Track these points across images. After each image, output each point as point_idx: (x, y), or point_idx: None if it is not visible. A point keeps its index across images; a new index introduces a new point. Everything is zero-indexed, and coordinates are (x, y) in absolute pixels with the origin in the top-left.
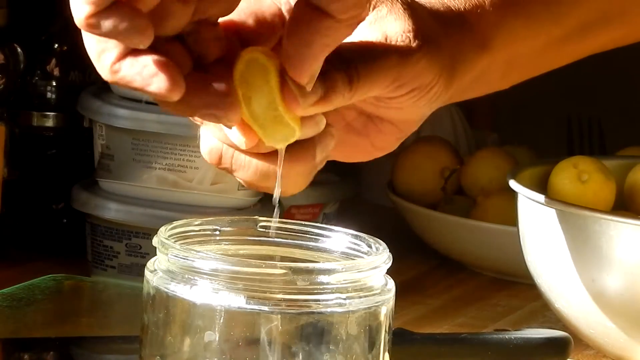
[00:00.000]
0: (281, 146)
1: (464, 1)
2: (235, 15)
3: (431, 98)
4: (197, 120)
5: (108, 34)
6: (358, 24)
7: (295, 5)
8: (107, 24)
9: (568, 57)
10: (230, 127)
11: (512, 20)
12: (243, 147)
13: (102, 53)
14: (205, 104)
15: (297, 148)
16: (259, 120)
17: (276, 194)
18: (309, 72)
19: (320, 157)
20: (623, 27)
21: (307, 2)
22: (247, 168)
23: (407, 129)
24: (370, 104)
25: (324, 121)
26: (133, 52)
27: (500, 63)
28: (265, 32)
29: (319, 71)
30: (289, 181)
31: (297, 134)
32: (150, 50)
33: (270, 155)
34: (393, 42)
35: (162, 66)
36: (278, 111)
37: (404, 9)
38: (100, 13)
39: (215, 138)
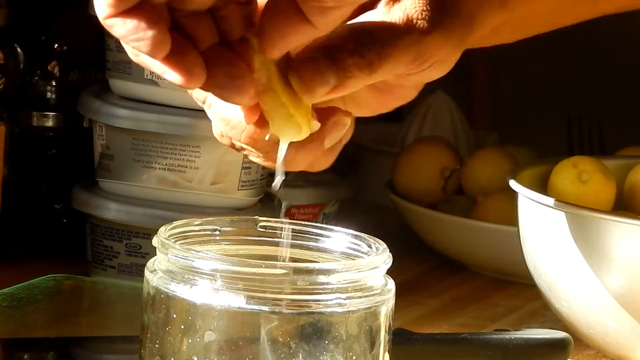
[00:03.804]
0: (285, 142)
1: None
2: None
3: (450, 64)
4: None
5: (122, 39)
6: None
7: None
8: (121, 29)
9: (579, 18)
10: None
11: None
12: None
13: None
14: (216, 84)
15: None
16: (270, 113)
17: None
18: (279, 52)
19: (330, 145)
20: None
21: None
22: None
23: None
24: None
25: (317, 125)
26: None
27: (514, 20)
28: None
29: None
30: (302, 164)
31: (304, 134)
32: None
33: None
34: (413, 21)
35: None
36: (287, 108)
37: None
38: (117, 15)
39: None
